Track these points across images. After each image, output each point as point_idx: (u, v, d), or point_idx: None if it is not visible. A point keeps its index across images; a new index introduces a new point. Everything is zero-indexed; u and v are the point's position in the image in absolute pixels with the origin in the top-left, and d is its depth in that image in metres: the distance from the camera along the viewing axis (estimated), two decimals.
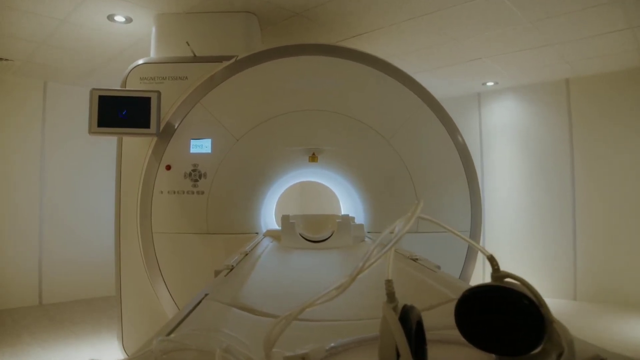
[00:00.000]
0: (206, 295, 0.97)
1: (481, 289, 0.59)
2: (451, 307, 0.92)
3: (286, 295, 1.08)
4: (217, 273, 1.32)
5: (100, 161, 5.35)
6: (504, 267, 0.59)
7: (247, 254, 1.67)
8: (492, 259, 0.58)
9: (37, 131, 5.19)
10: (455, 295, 0.95)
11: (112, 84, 3.04)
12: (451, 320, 0.66)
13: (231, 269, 1.32)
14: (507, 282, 0.58)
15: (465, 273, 2.82)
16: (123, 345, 3.06)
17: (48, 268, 5.13)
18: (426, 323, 0.64)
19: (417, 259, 1.51)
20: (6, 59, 4.38)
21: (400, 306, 0.54)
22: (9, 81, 4.96)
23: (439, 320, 0.83)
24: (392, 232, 0.58)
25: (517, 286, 0.57)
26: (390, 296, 0.53)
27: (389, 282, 0.53)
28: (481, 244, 4.87)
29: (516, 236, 5.53)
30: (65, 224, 5.31)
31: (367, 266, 0.50)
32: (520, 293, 0.56)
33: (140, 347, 0.62)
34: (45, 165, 5.22)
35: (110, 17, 3.51)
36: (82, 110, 2.76)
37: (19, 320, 4.37)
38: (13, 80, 4.99)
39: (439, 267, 1.36)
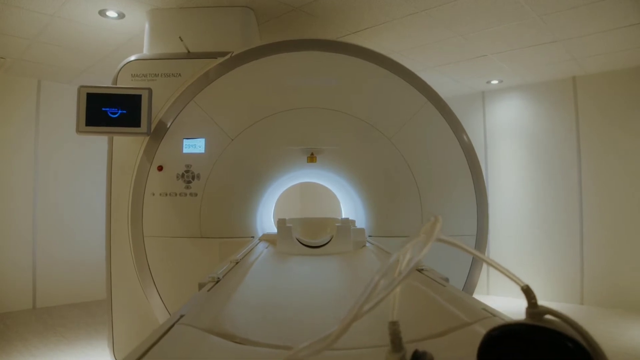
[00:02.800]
0: (181, 317, 0.84)
1: (513, 328, 0.46)
2: (465, 335, 0.79)
3: (276, 315, 0.95)
4: (200, 286, 1.19)
5: (96, 161, 5.21)
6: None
7: (237, 263, 1.54)
8: (528, 291, 0.45)
9: (31, 130, 5.07)
10: (470, 319, 0.82)
11: (108, 83, 2.92)
12: (466, 351, 0.54)
13: (217, 282, 1.19)
14: (548, 321, 0.45)
15: (470, 280, 2.69)
16: (114, 352, 2.94)
17: (42, 271, 5.01)
18: (437, 356, 0.51)
19: (422, 269, 1.38)
20: None
21: (408, 355, 0.40)
22: (1, 80, 4.84)
23: (453, 353, 0.70)
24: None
25: (561, 326, 0.44)
26: (396, 343, 0.40)
27: (393, 326, 0.40)
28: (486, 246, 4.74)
29: (521, 238, 5.39)
30: (60, 225, 5.19)
31: (367, 310, 0.37)
32: (566, 336, 0.43)
33: None
34: (40, 166, 5.10)
35: (102, 13, 3.38)
36: None
37: (11, 325, 4.25)
38: (6, 79, 4.87)
39: (447, 280, 1.23)
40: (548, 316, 0.45)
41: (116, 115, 2.64)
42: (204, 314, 0.88)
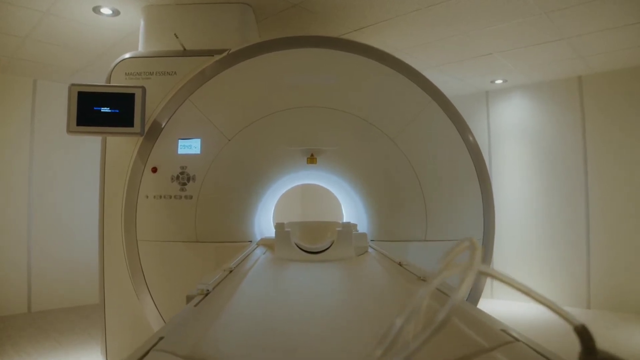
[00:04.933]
0: (160, 339, 0.73)
1: None
2: None
3: (270, 338, 0.84)
4: (188, 299, 1.08)
5: (94, 160, 5.03)
6: (513, 274, 0.37)
7: (231, 271, 1.43)
8: (583, 331, 0.34)
9: (27, 130, 4.98)
10: (490, 344, 0.72)
11: (103, 82, 2.82)
12: None
13: (206, 294, 1.09)
14: None
15: (476, 287, 2.58)
16: (107, 359, 2.85)
17: (38, 273, 4.92)
18: None
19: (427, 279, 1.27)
20: None
21: None
22: None
23: None
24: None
25: None
26: None
27: None
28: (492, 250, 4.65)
29: (526, 241, 5.28)
30: (56, 227, 5.10)
31: None
32: None
33: None
34: (36, 166, 5.01)
35: (96, 9, 3.29)
36: None
37: (3, 329, 4.16)
38: (2, 78, 4.79)
39: None
40: None
41: (108, 115, 2.54)
42: (186, 336, 0.77)
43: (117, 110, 2.54)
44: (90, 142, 4.72)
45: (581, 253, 4.92)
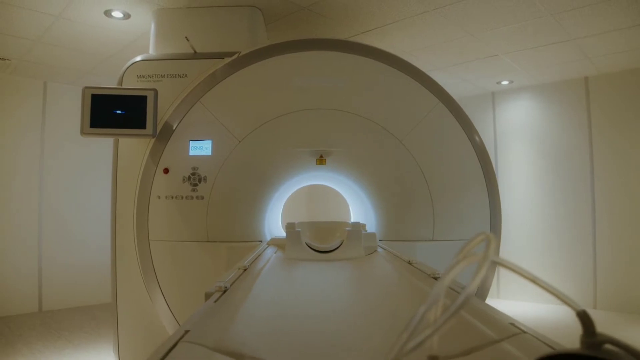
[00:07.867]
0: (186, 332, 0.78)
1: (565, 358, 0.40)
2: (495, 354, 0.73)
3: (288, 332, 0.88)
4: (207, 296, 1.13)
5: (102, 163, 5.16)
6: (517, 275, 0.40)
7: (245, 270, 1.48)
8: (584, 316, 0.38)
9: (36, 132, 5.04)
10: (498, 336, 0.76)
11: (113, 84, 2.88)
12: None
13: (224, 291, 1.14)
14: (607, 352, 0.38)
15: (483, 284, 2.62)
16: (119, 357, 2.90)
17: (48, 273, 4.98)
18: None
19: (438, 277, 1.31)
20: (2, 58, 4.23)
21: None
22: (7, 81, 4.82)
23: None
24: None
25: (625, 359, 0.37)
26: None
27: None
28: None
29: (532, 242, 5.30)
30: (66, 227, 5.16)
31: (411, 349, 0.31)
32: None
33: None
34: (45, 168, 5.07)
35: (108, 13, 3.35)
36: None
37: (15, 328, 4.22)
38: (12, 80, 4.85)
39: None
40: (608, 346, 0.39)
41: (121, 117, 2.59)
42: (210, 329, 0.82)
43: (130, 113, 2.59)
44: (99, 143, 4.80)
45: (587, 254, 4.93)
